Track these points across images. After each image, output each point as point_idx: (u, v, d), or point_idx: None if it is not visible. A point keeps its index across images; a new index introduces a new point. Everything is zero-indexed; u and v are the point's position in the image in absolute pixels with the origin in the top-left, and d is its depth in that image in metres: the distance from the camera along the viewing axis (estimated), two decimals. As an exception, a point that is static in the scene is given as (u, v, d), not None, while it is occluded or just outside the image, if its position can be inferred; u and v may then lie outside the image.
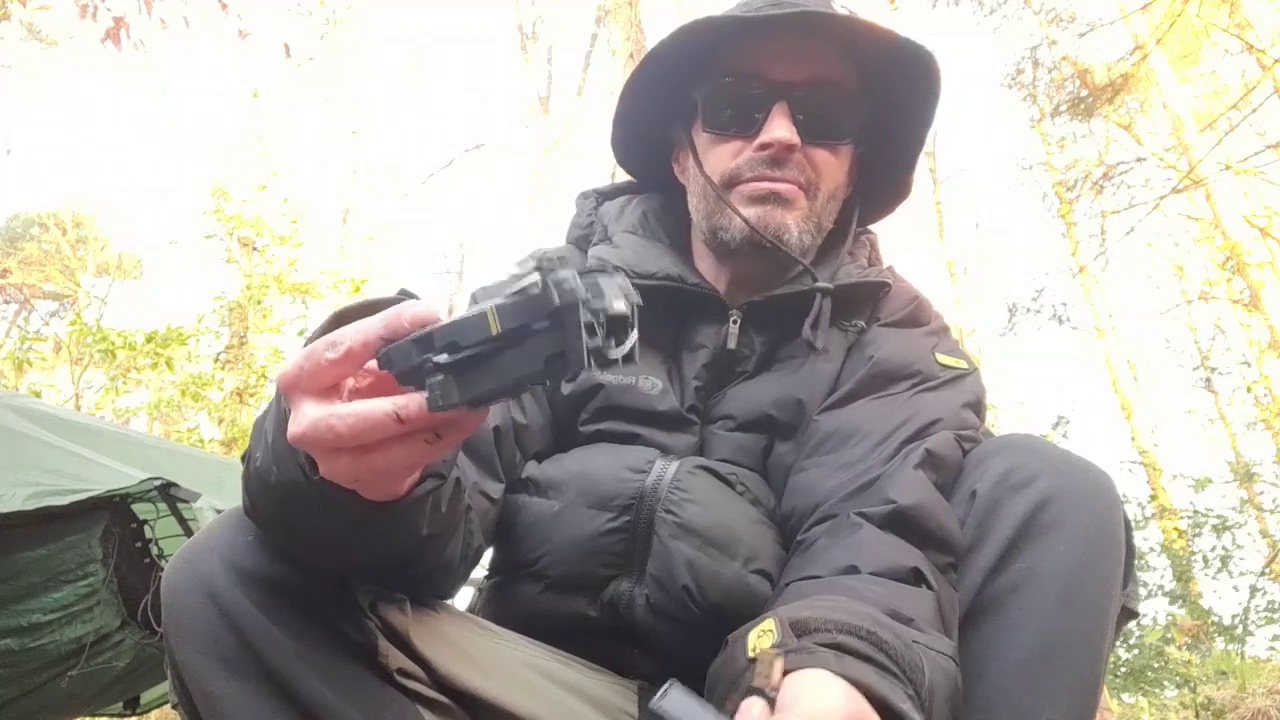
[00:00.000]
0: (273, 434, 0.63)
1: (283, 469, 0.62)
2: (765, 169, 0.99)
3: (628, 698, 0.89)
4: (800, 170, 1.00)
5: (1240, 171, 8.33)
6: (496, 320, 0.50)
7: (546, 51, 13.74)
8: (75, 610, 2.77)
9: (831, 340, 1.01)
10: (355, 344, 0.54)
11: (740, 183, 1.00)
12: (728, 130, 1.02)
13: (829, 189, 1.03)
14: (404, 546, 0.70)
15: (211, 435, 8.66)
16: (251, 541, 0.71)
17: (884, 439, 0.89)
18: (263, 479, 0.65)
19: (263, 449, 0.65)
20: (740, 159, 1.00)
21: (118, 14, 5.58)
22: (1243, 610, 7.12)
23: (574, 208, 1.18)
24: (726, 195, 1.01)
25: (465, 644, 0.80)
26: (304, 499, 0.62)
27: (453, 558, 0.80)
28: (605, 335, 0.50)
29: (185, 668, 0.69)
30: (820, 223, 1.03)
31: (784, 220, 0.99)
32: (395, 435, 0.54)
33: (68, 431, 2.98)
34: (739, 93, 1.01)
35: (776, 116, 0.98)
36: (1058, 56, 11.37)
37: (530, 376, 0.50)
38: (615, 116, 1.12)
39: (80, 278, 13.67)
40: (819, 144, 1.00)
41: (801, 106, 0.99)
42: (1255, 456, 9.82)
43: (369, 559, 0.70)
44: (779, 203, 0.99)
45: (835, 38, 1.01)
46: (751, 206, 0.99)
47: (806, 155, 1.00)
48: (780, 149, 0.98)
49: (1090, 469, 0.82)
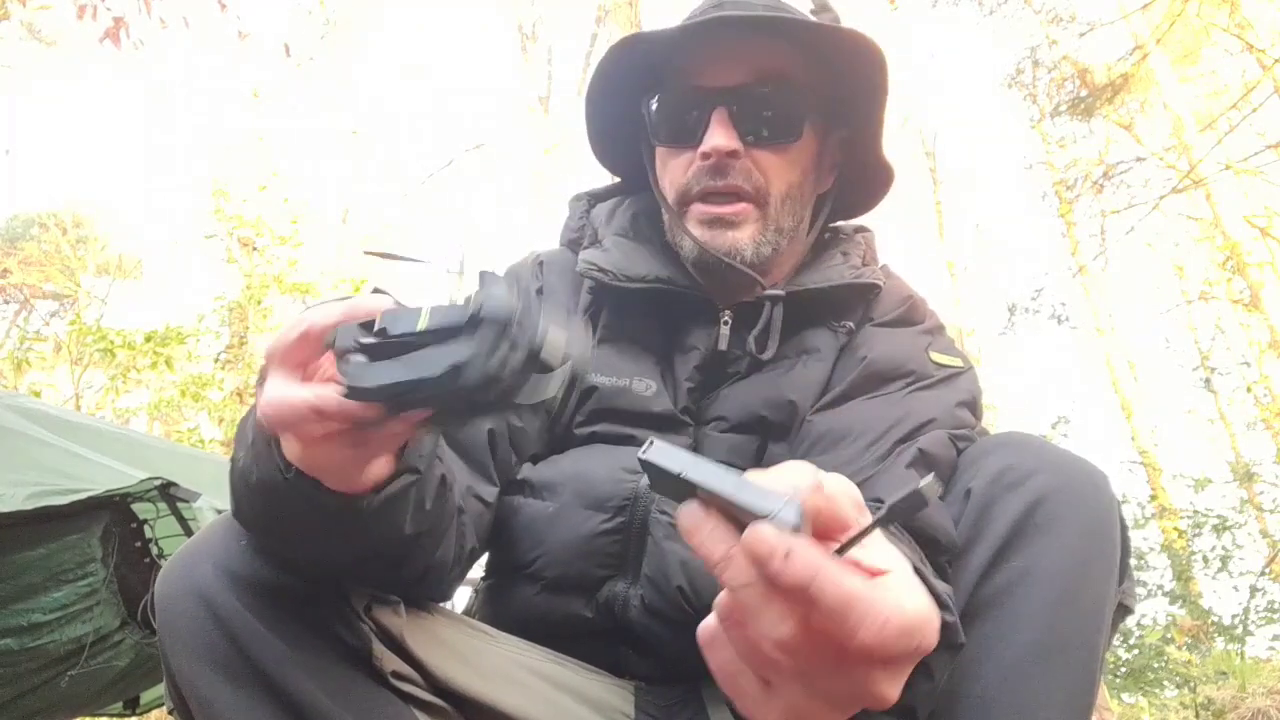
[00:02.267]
0: (252, 433, 0.64)
1: (261, 467, 0.63)
2: (709, 180, 0.97)
3: (624, 698, 0.88)
4: (745, 177, 0.98)
5: (1240, 171, 8.33)
6: (428, 316, 0.51)
7: (546, 51, 13.75)
8: (75, 610, 2.77)
9: (822, 341, 1.00)
10: (314, 325, 0.56)
11: (691, 200, 1.00)
12: (674, 142, 1.02)
13: (782, 190, 1.00)
14: (388, 545, 0.70)
15: (211, 435, 8.66)
16: (245, 546, 0.71)
17: (877, 439, 0.89)
18: (244, 478, 0.65)
19: (244, 449, 0.65)
20: (689, 173, 0.99)
21: (118, 14, 5.58)
22: (1243, 610, 7.13)
23: (567, 210, 1.18)
24: (680, 215, 1.01)
25: (460, 646, 0.80)
26: (280, 495, 0.62)
27: (445, 559, 0.80)
28: (520, 366, 0.50)
29: (180, 673, 0.69)
30: (780, 226, 1.01)
31: (735, 241, 0.98)
32: (316, 424, 0.55)
33: (67, 431, 2.98)
34: (680, 103, 1.00)
35: (715, 124, 0.96)
36: (1058, 56, 11.37)
37: (430, 380, 0.50)
38: (587, 129, 1.12)
39: (80, 278, 13.67)
40: (764, 146, 0.98)
41: (742, 110, 0.97)
42: (1255, 456, 9.84)
43: (354, 558, 0.70)
44: (726, 225, 0.98)
45: (773, 36, 0.99)
46: (701, 229, 0.99)
47: (753, 159, 0.98)
48: (720, 157, 0.96)
49: (1085, 467, 0.82)
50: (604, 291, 1.02)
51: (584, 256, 1.04)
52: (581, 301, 1.05)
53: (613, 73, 1.04)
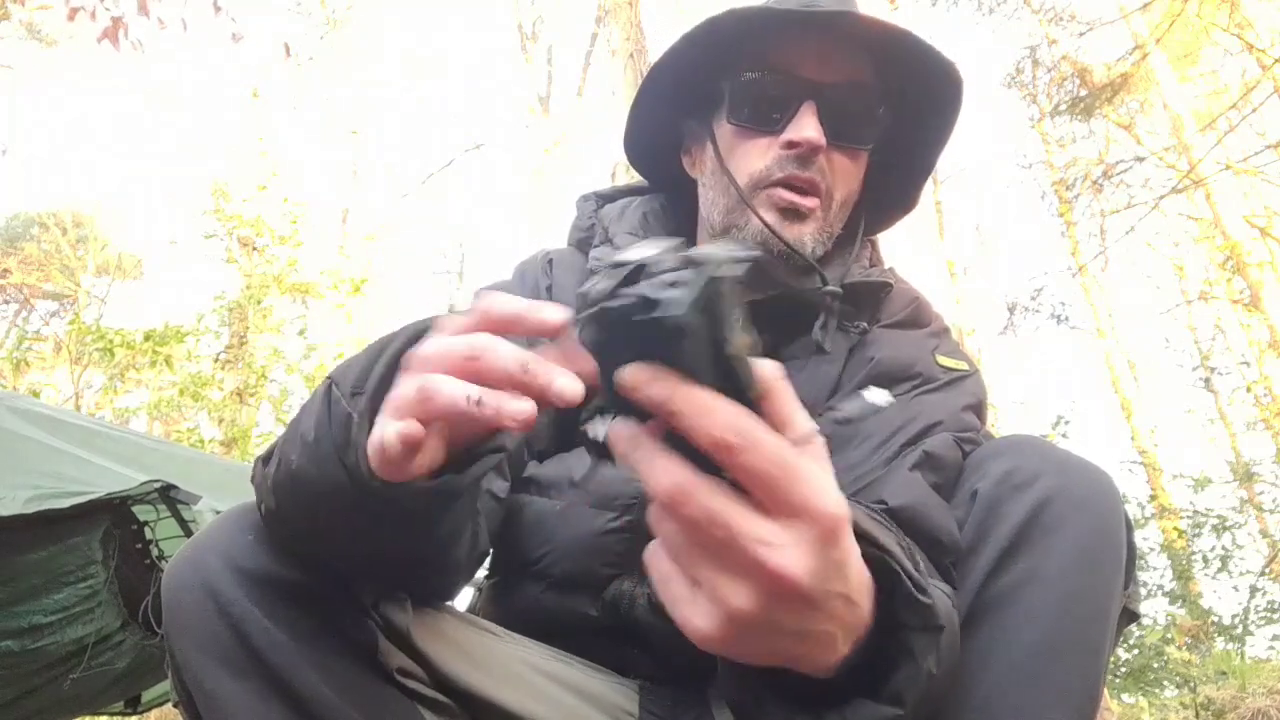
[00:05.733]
0: (314, 434, 0.62)
1: (323, 469, 0.61)
2: (794, 168, 0.98)
3: (628, 697, 0.88)
4: (822, 174, 0.98)
5: (1240, 171, 8.34)
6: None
7: (546, 51, 13.76)
8: (76, 612, 2.78)
9: (834, 341, 1.01)
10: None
11: (768, 185, 0.99)
12: (754, 125, 1.01)
13: (842, 196, 1.02)
14: (419, 545, 0.70)
15: (211, 435, 8.67)
16: (252, 540, 0.71)
17: (885, 441, 0.89)
18: (296, 480, 0.64)
19: (299, 450, 0.64)
20: (768, 158, 0.99)
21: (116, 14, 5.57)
22: (1243, 610, 7.14)
23: (574, 210, 1.18)
24: (751, 196, 1.00)
25: (466, 643, 0.80)
26: (342, 501, 0.61)
27: (459, 559, 0.80)
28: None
29: (185, 667, 0.69)
30: (832, 231, 1.02)
31: (800, 233, 0.98)
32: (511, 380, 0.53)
33: (67, 433, 2.97)
34: (768, 88, 1.00)
35: (805, 115, 0.96)
36: (1057, 56, 11.39)
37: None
38: (634, 105, 1.11)
39: (80, 277, 13.67)
40: (842, 148, 0.99)
41: (828, 107, 0.97)
42: (1255, 456, 9.86)
43: (388, 561, 0.70)
44: (797, 217, 0.98)
45: (863, 41, 1.00)
46: (773, 213, 0.99)
47: (828, 158, 0.99)
48: (808, 148, 0.96)
49: (1091, 469, 0.82)
50: None
51: (595, 254, 1.04)
52: None
53: (691, 48, 1.03)
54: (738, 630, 0.48)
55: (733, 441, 0.45)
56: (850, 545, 0.50)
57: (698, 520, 0.46)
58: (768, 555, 0.46)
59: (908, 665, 0.58)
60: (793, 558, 0.46)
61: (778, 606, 0.48)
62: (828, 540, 0.47)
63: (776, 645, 0.51)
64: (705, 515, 0.46)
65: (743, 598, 0.47)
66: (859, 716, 0.57)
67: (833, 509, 0.47)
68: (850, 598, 0.51)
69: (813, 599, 0.48)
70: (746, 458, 0.45)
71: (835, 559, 0.48)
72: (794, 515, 0.46)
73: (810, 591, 0.47)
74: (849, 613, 0.52)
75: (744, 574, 0.47)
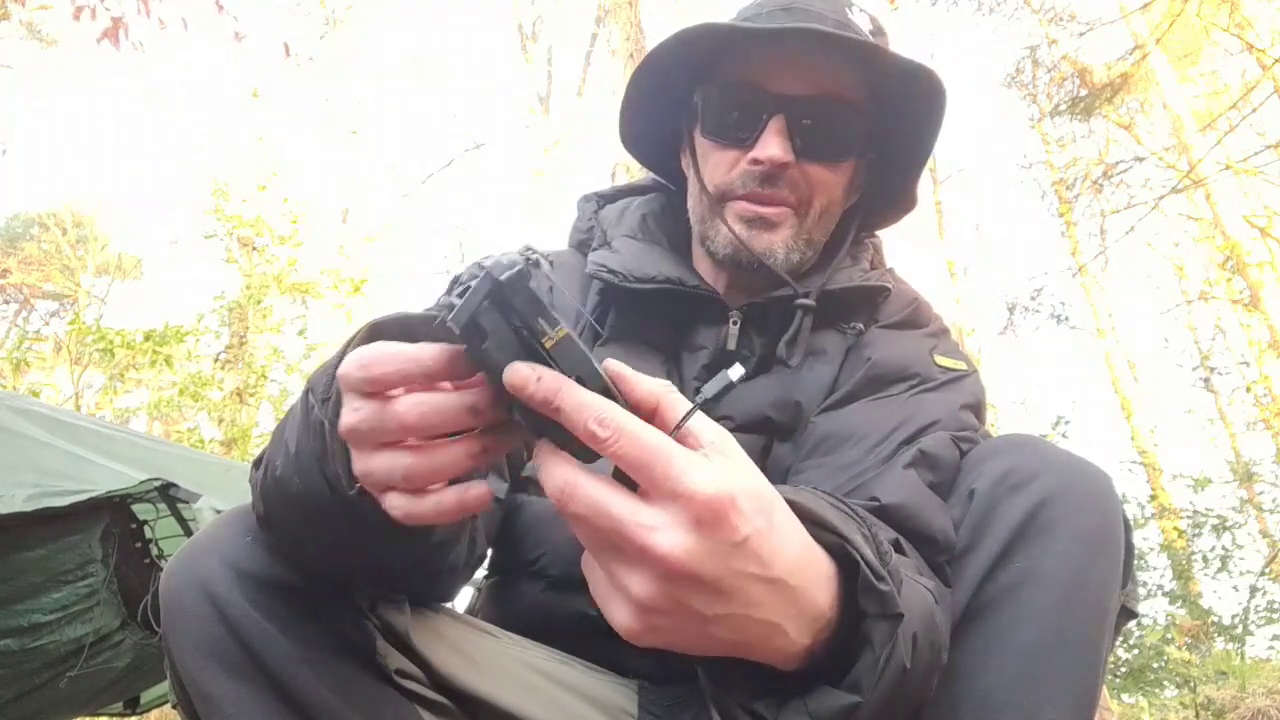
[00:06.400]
0: (296, 443, 0.63)
1: (305, 479, 0.62)
2: (756, 186, 0.98)
3: (627, 697, 0.88)
4: (792, 188, 0.98)
5: (1240, 171, 8.34)
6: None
7: (546, 51, 13.74)
8: (75, 610, 2.77)
9: (830, 342, 1.00)
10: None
11: (733, 198, 1.00)
12: (724, 138, 1.01)
13: (822, 205, 1.01)
14: (414, 553, 0.70)
15: (211, 435, 8.67)
16: (250, 542, 0.71)
17: (881, 440, 0.89)
18: (282, 489, 0.64)
19: (283, 458, 0.64)
20: (734, 172, 0.99)
21: (116, 14, 5.57)
22: (1243, 610, 7.14)
23: (575, 210, 1.18)
24: (719, 207, 1.01)
25: (464, 644, 0.80)
26: (326, 510, 0.61)
27: (457, 562, 0.80)
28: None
29: (184, 668, 0.69)
30: (811, 238, 1.01)
31: (770, 242, 0.98)
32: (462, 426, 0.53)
33: (67, 432, 2.97)
34: (737, 102, 0.99)
35: (771, 133, 0.96)
36: (1057, 56, 11.39)
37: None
38: (621, 111, 1.11)
39: (80, 278, 13.67)
40: (814, 160, 0.98)
41: (800, 122, 0.97)
42: (1255, 456, 9.85)
43: (382, 567, 0.71)
44: (765, 226, 0.98)
45: (848, 54, 0.99)
46: (739, 224, 0.99)
47: (801, 171, 0.98)
48: (772, 166, 0.96)
49: (1089, 469, 0.82)
50: (612, 292, 1.02)
51: (593, 258, 1.04)
52: (589, 302, 1.05)
53: (664, 60, 1.02)
54: (651, 619, 0.50)
55: (599, 432, 0.47)
56: (757, 526, 0.50)
57: (585, 514, 0.48)
58: (648, 538, 0.47)
59: (866, 654, 0.58)
60: (673, 539, 0.47)
61: (677, 590, 0.48)
62: (706, 520, 0.48)
63: (702, 632, 0.52)
64: (589, 508, 0.48)
65: (641, 585, 0.48)
66: (820, 704, 0.57)
67: (702, 488, 0.47)
68: (774, 580, 0.51)
69: (713, 581, 0.49)
70: (616, 446, 0.47)
71: (724, 538, 0.48)
72: (670, 498, 0.48)
73: (701, 572, 0.48)
74: (778, 597, 0.52)
75: (637, 561, 0.48)
